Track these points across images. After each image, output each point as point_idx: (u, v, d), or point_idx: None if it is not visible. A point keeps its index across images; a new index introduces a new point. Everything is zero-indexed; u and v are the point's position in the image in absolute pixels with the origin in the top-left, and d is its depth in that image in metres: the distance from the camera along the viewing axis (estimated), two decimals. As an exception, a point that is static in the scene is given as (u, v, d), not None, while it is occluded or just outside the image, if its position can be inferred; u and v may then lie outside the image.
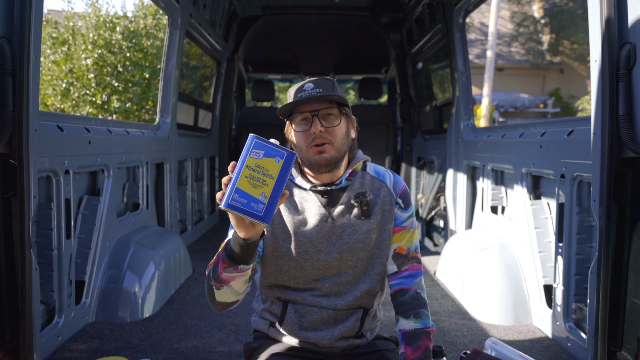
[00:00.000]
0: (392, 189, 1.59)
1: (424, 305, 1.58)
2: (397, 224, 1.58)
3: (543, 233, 2.87)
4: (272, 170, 1.18)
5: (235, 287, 1.37)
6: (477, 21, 22.53)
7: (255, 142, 1.19)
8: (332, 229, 1.53)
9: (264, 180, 1.18)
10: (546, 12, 21.48)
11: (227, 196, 1.16)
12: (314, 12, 5.72)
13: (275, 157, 1.19)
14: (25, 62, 1.87)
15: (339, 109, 1.51)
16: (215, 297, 1.41)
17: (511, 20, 22.17)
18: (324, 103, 1.49)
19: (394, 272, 1.58)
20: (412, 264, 1.59)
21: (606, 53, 1.87)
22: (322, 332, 1.56)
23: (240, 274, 1.33)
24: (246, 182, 1.17)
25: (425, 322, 1.56)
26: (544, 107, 19.31)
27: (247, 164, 1.18)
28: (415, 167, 5.77)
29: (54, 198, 2.44)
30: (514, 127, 3.40)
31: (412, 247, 1.60)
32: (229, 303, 1.43)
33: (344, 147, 1.52)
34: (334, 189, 1.54)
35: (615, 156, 1.89)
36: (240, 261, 1.30)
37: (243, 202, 1.16)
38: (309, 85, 1.49)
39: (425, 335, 1.54)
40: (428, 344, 1.54)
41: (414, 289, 1.57)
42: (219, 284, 1.36)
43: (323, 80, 1.51)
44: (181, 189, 4.58)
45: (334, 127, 1.49)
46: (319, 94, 1.46)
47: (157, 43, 11.12)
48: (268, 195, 1.17)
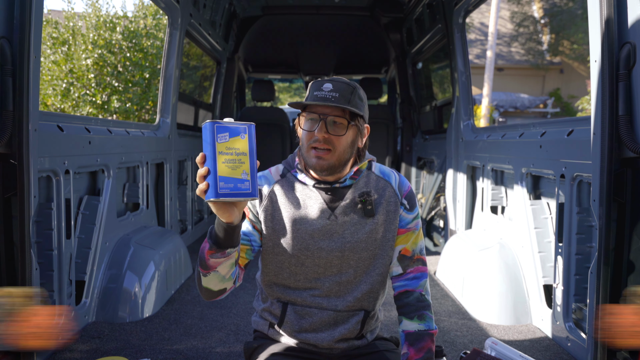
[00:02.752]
0: (397, 189, 1.57)
1: (428, 307, 1.58)
2: (402, 225, 1.57)
3: (543, 233, 2.88)
4: (242, 147, 1.21)
5: (221, 272, 1.39)
6: (477, 21, 22.53)
7: (217, 127, 1.20)
8: (334, 226, 1.52)
9: (239, 159, 1.20)
10: (546, 12, 21.48)
11: (213, 188, 1.18)
12: (314, 12, 5.72)
13: (239, 134, 1.21)
14: (25, 62, 1.87)
15: (349, 119, 1.48)
16: (202, 284, 1.43)
17: (511, 20, 22.17)
18: (336, 109, 1.46)
19: (399, 274, 1.57)
20: (418, 265, 1.58)
21: (606, 53, 1.87)
22: (322, 334, 1.55)
23: (226, 258, 1.36)
24: (225, 168, 1.19)
25: (429, 324, 1.56)
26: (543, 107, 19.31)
27: (219, 150, 1.19)
28: (415, 167, 5.78)
29: (54, 198, 2.44)
30: (514, 127, 3.40)
31: (417, 249, 1.59)
32: (216, 291, 1.44)
33: (345, 156, 1.50)
34: (337, 186, 1.54)
35: (615, 156, 1.89)
36: (226, 245, 1.32)
37: (230, 187, 1.19)
38: (327, 86, 1.46)
39: (428, 337, 1.54)
40: (431, 345, 1.54)
41: (418, 291, 1.57)
42: (206, 270, 1.39)
43: (343, 84, 1.47)
44: (181, 189, 4.59)
45: (338, 137, 1.47)
46: (333, 99, 1.44)
47: (157, 43, 11.12)
48: (248, 171, 1.21)
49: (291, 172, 1.58)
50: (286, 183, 1.57)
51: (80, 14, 11.27)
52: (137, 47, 10.86)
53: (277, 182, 1.57)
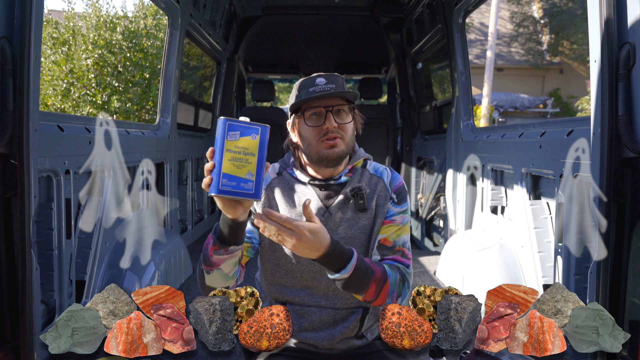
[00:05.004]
0: (389, 184, 1.58)
1: (405, 276, 1.52)
2: (386, 217, 1.56)
3: (543, 233, 2.88)
4: (251, 148, 1.21)
5: (225, 270, 1.39)
6: (477, 21, 22.53)
7: (228, 124, 1.21)
8: (329, 223, 1.53)
9: (246, 159, 1.21)
10: (546, 12, 21.49)
11: (215, 183, 1.19)
12: (314, 12, 5.72)
13: (251, 134, 1.22)
14: (25, 62, 1.88)
15: (349, 106, 1.52)
16: (205, 282, 1.42)
17: (511, 20, 22.17)
18: (337, 99, 1.50)
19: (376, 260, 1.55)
20: (397, 255, 1.54)
21: (606, 53, 1.87)
22: (321, 333, 1.56)
23: (230, 256, 1.36)
24: (230, 165, 1.20)
25: (398, 289, 1.49)
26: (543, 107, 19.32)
27: (227, 148, 1.20)
28: (415, 167, 5.78)
29: (55, 198, 2.45)
30: (513, 127, 3.40)
31: (400, 241, 1.56)
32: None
33: (351, 143, 1.54)
34: (332, 183, 1.55)
35: (615, 156, 1.89)
36: (230, 242, 1.33)
37: (233, 185, 1.20)
38: (321, 80, 1.49)
39: (382, 281, 1.44)
40: (374, 281, 1.44)
41: (395, 265, 1.53)
42: (209, 267, 1.38)
43: (333, 76, 1.51)
44: (181, 189, 4.59)
45: (346, 124, 1.51)
46: (332, 90, 1.47)
47: (157, 43, 11.12)
48: (254, 172, 1.21)
49: (287, 170, 1.60)
50: (282, 181, 1.58)
51: (80, 14, 11.28)
52: (137, 47, 10.87)
53: (274, 180, 1.59)
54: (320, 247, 1.30)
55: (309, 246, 1.28)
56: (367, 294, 1.43)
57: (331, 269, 1.36)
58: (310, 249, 1.29)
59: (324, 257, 1.32)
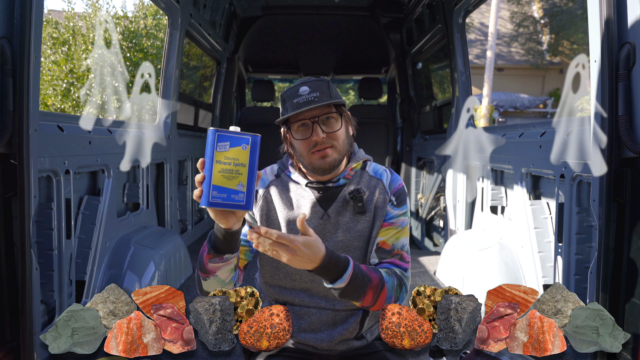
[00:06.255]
0: (388, 186, 1.56)
1: (403, 281, 1.51)
2: (385, 220, 1.54)
3: (543, 233, 2.88)
4: (242, 159, 1.19)
5: (221, 277, 1.39)
6: (477, 21, 22.53)
7: (218, 135, 1.19)
8: (327, 226, 1.52)
9: (237, 170, 1.19)
10: (546, 12, 21.48)
11: (206, 195, 1.17)
12: (314, 12, 5.72)
13: (241, 145, 1.19)
14: (25, 62, 1.88)
15: (337, 111, 1.49)
16: (202, 287, 1.43)
17: (511, 20, 22.17)
18: (323, 108, 1.47)
19: (375, 263, 1.54)
20: (395, 259, 1.53)
21: (606, 53, 1.87)
22: (321, 334, 1.55)
23: (225, 263, 1.36)
24: (221, 177, 1.18)
25: (395, 295, 1.48)
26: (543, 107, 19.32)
27: (217, 159, 1.18)
28: (415, 167, 5.78)
29: (54, 198, 2.44)
30: (513, 127, 3.40)
31: (398, 244, 1.54)
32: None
33: (345, 148, 1.51)
34: (330, 186, 1.54)
35: (615, 156, 1.89)
36: (224, 251, 1.32)
37: (223, 197, 1.18)
38: (304, 90, 1.45)
39: (379, 288, 1.44)
40: (371, 289, 1.43)
41: (392, 270, 1.52)
42: (205, 274, 1.38)
43: (317, 82, 1.48)
44: (181, 189, 4.59)
45: (335, 132, 1.47)
46: (316, 99, 1.44)
47: (157, 43, 11.12)
48: (245, 183, 1.19)
49: (285, 172, 1.59)
50: (280, 183, 1.57)
51: (80, 14, 11.28)
52: (137, 47, 10.87)
53: (272, 182, 1.58)
54: (315, 259, 1.30)
55: (304, 259, 1.28)
56: (364, 300, 1.43)
57: (327, 279, 1.36)
58: (306, 261, 1.29)
59: (319, 269, 1.32)
